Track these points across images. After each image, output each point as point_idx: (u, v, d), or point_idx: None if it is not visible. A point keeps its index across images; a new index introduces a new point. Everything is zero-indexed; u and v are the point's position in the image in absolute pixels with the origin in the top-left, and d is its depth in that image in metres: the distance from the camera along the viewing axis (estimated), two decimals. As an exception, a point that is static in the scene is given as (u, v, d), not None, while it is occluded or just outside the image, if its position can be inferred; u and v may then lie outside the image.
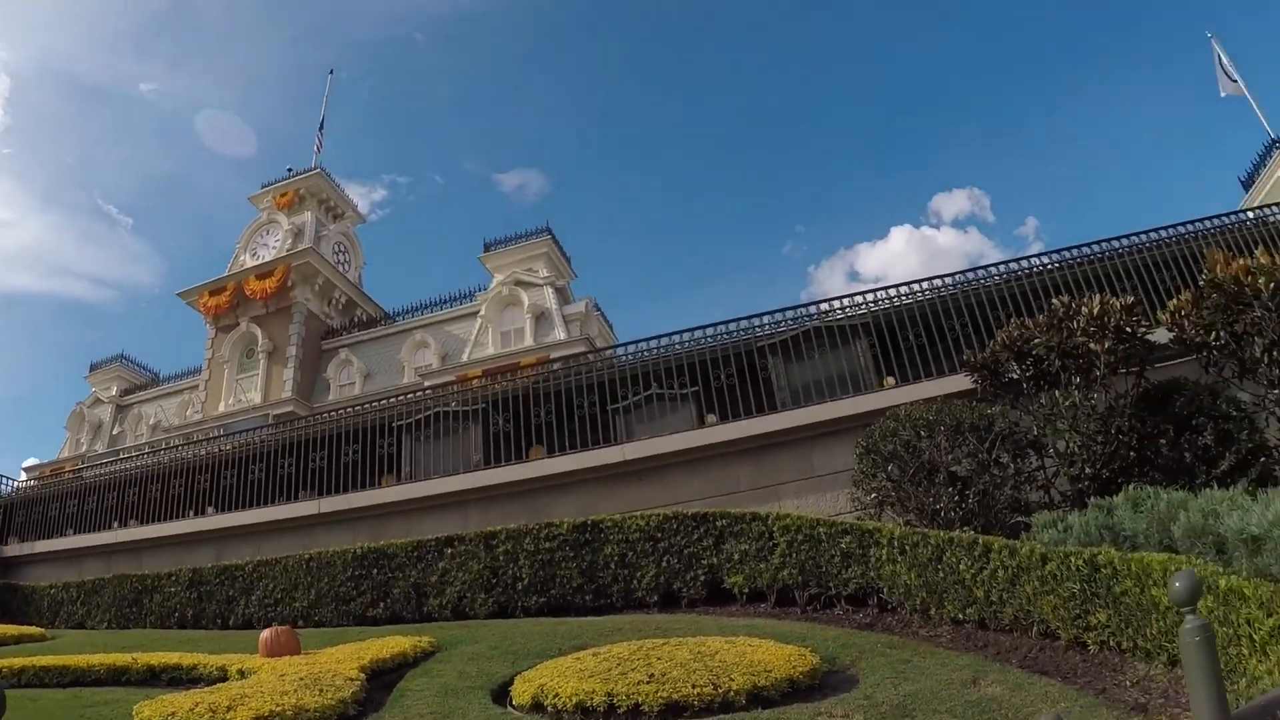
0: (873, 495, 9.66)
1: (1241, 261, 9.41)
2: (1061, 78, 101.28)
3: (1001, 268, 14.19)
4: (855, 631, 8.71)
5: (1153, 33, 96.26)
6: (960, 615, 8.23)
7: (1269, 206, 16.28)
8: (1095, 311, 9.03)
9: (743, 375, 13.88)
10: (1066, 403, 9.01)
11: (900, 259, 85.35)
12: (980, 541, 7.93)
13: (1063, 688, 6.41)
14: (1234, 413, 9.29)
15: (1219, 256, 9.62)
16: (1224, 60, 23.69)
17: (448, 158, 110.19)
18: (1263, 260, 9.29)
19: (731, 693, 6.35)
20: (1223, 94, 24.10)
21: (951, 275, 14.29)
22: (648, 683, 6.44)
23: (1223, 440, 9.07)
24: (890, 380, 13.47)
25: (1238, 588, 5.61)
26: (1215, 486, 8.14)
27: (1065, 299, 9.46)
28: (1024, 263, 14.17)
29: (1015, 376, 9.71)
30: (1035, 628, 7.57)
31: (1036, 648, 7.52)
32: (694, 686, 6.37)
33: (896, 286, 14.33)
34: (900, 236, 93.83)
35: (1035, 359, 9.47)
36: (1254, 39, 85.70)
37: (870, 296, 14.09)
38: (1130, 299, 9.29)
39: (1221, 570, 5.92)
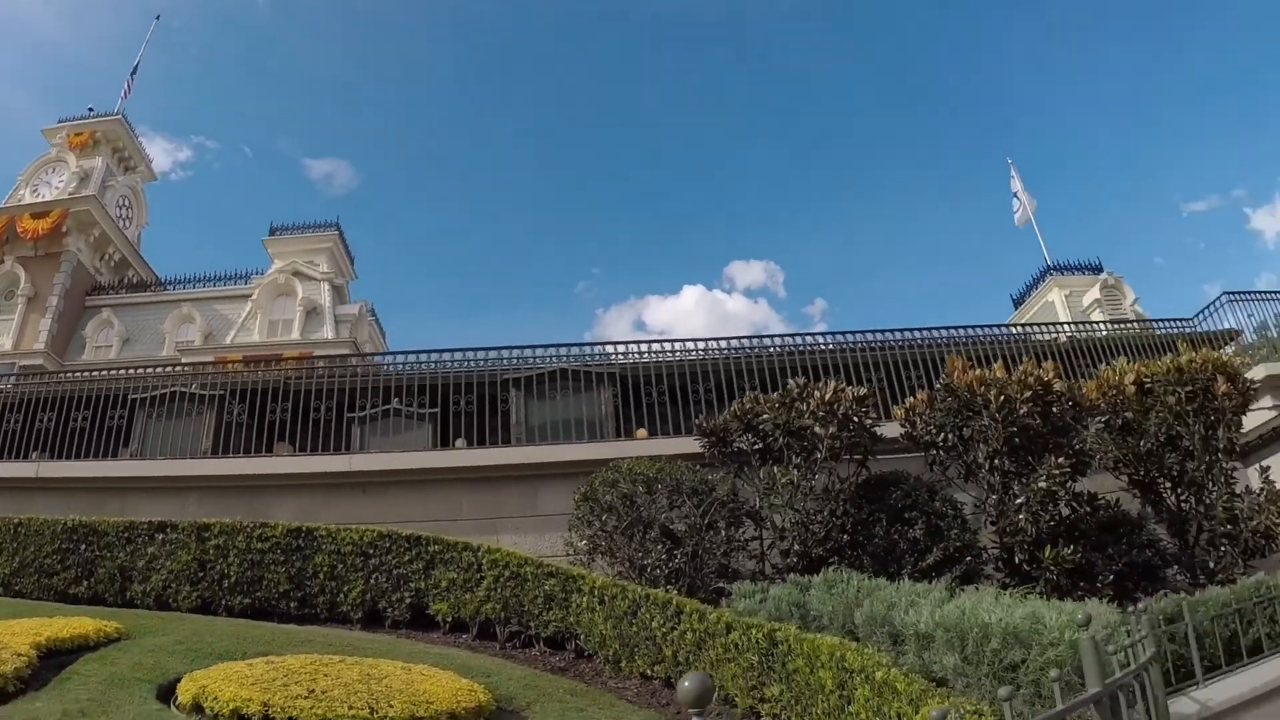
0: (585, 542, 9.57)
1: (978, 371, 10.02)
2: (879, 176, 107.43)
3: (754, 342, 14.74)
4: (546, 674, 8.59)
5: (955, 146, 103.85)
6: (649, 671, 8.23)
7: (1016, 325, 17.56)
8: (826, 397, 9.37)
9: (483, 405, 13.66)
10: (784, 479, 9.24)
11: (688, 317, 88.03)
12: (674, 602, 7.94)
13: (721, 758, 6.45)
14: (948, 511, 9.83)
15: (958, 363, 10.21)
16: (1019, 188, 25.33)
17: (262, 131, 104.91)
18: (997, 373, 9.92)
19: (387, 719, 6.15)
20: (1018, 224, 25.69)
21: (701, 341, 14.68)
22: (306, 698, 6.22)
23: (932, 535, 9.55)
24: (642, 432, 13.58)
25: (891, 681, 5.76)
26: (921, 578, 8.58)
27: (801, 380, 9.79)
28: (776, 341, 14.76)
29: (743, 447, 9.90)
30: (716, 693, 7.62)
31: (715, 713, 7.58)
32: (350, 708, 6.17)
33: (647, 342, 14.73)
34: (692, 295, 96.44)
35: (763, 433, 9.69)
36: (1042, 163, 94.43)
37: (620, 349, 14.29)
38: (863, 390, 9.70)
39: (884, 662, 6.08)
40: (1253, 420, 13.39)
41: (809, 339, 14.61)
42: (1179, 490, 10.74)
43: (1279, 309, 16.15)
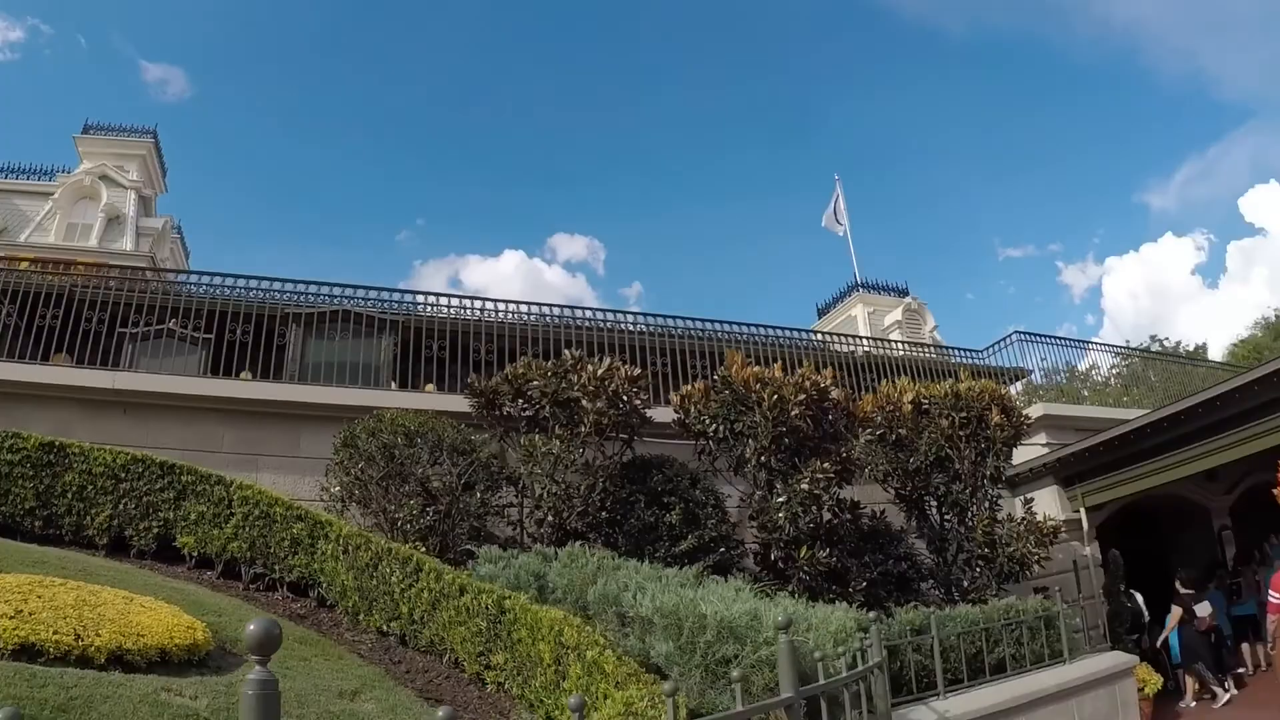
0: (339, 489, 9.28)
1: (755, 368, 10.18)
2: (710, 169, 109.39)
3: (540, 310, 14.69)
4: (283, 619, 8.25)
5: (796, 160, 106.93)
6: (385, 627, 8.05)
7: (818, 332, 18.01)
8: (599, 373, 9.36)
9: (260, 336, 13.11)
10: (545, 449, 9.19)
11: (506, 281, 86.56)
12: (415, 559, 7.78)
13: (442, 720, 6.34)
14: (708, 500, 9.99)
15: (737, 358, 10.35)
16: (840, 202, 25.80)
17: (100, 23, 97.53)
18: (776, 373, 10.10)
19: (93, 648, 5.84)
20: (823, 225, 26.15)
21: (490, 301, 14.59)
22: (11, 618, 5.77)
23: (689, 521, 9.66)
24: (430, 387, 13.32)
25: (600, 662, 5.78)
26: (674, 563, 8.67)
27: (578, 353, 9.75)
28: (562, 312, 14.74)
29: (512, 413, 9.79)
30: (448, 655, 7.53)
31: (444, 675, 7.47)
32: (55, 633, 5.79)
33: (434, 295, 14.66)
34: (512, 260, 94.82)
35: (532, 400, 9.61)
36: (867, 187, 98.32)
37: (407, 298, 14.06)
38: (637, 371, 9.74)
39: (599, 642, 6.09)
40: (1027, 454, 14.17)
41: (599, 315, 14.61)
42: (944, 510, 11.27)
43: (1069, 357, 17.12)
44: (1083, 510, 13.63)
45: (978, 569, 11.00)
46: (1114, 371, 22.55)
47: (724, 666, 6.24)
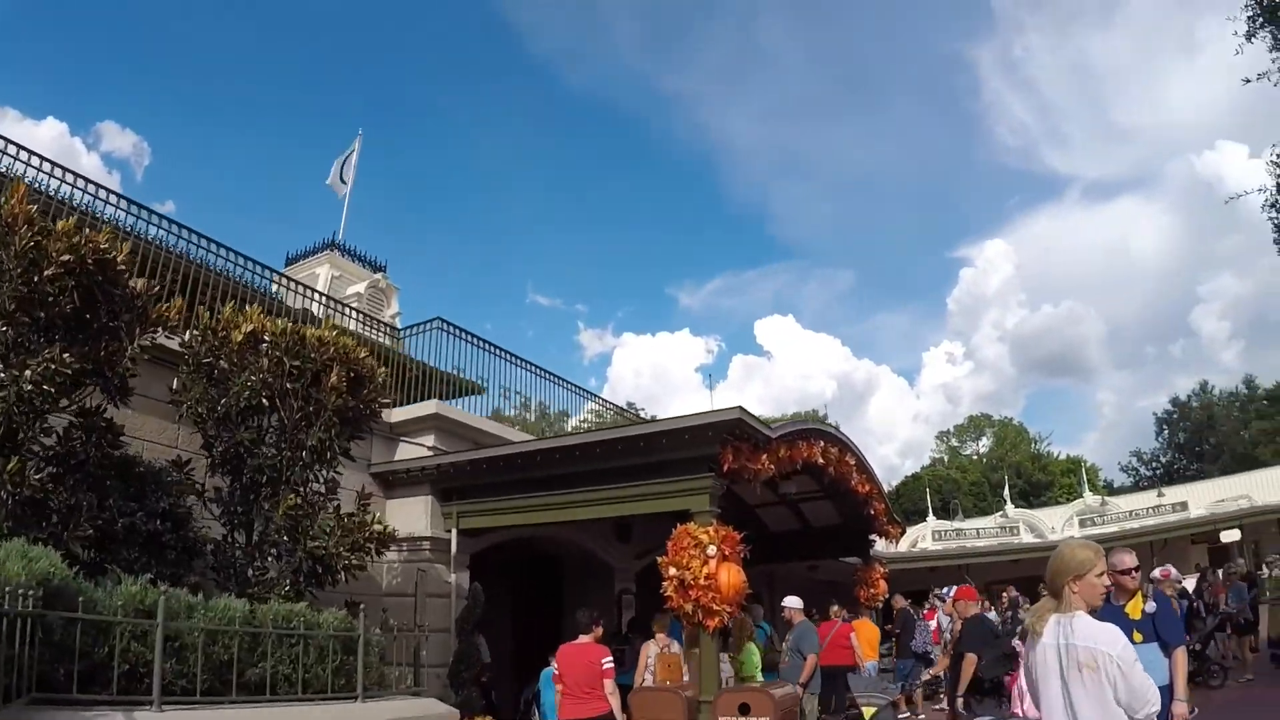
0: None
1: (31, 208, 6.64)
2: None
3: None
4: None
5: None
6: None
7: (265, 266, 14.47)
8: None
9: None
10: None
11: (39, 148, 71.34)
12: None
13: None
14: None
15: (21, 188, 6.79)
16: (353, 160, 22.67)
17: None
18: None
19: None
20: (328, 182, 22.89)
21: None
22: None
23: None
24: None
25: None
26: None
27: None
28: None
29: None
30: None
31: None
32: None
33: None
34: (54, 129, 79.20)
35: None
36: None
37: None
38: None
39: None
40: (413, 453, 11.73)
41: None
42: (252, 476, 8.28)
43: (502, 369, 15.00)
44: (455, 531, 11.36)
45: (270, 558, 8.18)
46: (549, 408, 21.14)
47: None
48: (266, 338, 8.34)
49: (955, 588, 12.02)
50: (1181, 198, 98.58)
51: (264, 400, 8.08)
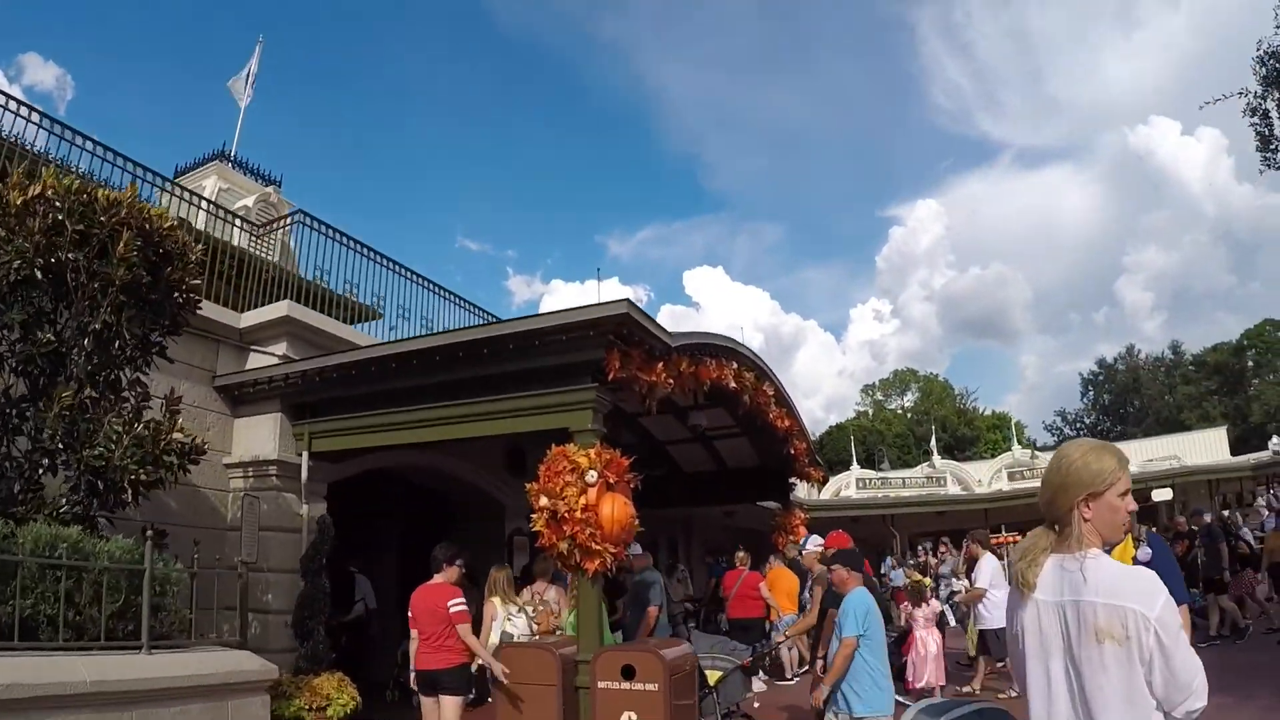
0: None
1: None
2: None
3: None
4: None
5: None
6: None
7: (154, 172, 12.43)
8: None
9: None
10: None
11: None
12: None
13: None
14: None
15: None
16: (253, 67, 20.69)
17: None
18: None
19: None
20: (228, 85, 20.99)
21: None
22: None
23: None
24: None
25: None
26: None
27: None
28: None
29: None
30: None
31: None
32: None
33: None
34: None
35: None
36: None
37: None
38: None
39: None
40: (260, 362, 10.08)
41: None
42: (32, 368, 6.60)
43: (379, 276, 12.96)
44: (306, 454, 9.73)
45: (42, 469, 6.55)
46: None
47: None
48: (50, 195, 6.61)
49: (812, 538, 10.64)
50: (1112, 170, 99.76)
51: (36, 272, 6.40)
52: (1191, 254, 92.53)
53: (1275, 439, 32.80)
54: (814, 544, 10.26)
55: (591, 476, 7.12)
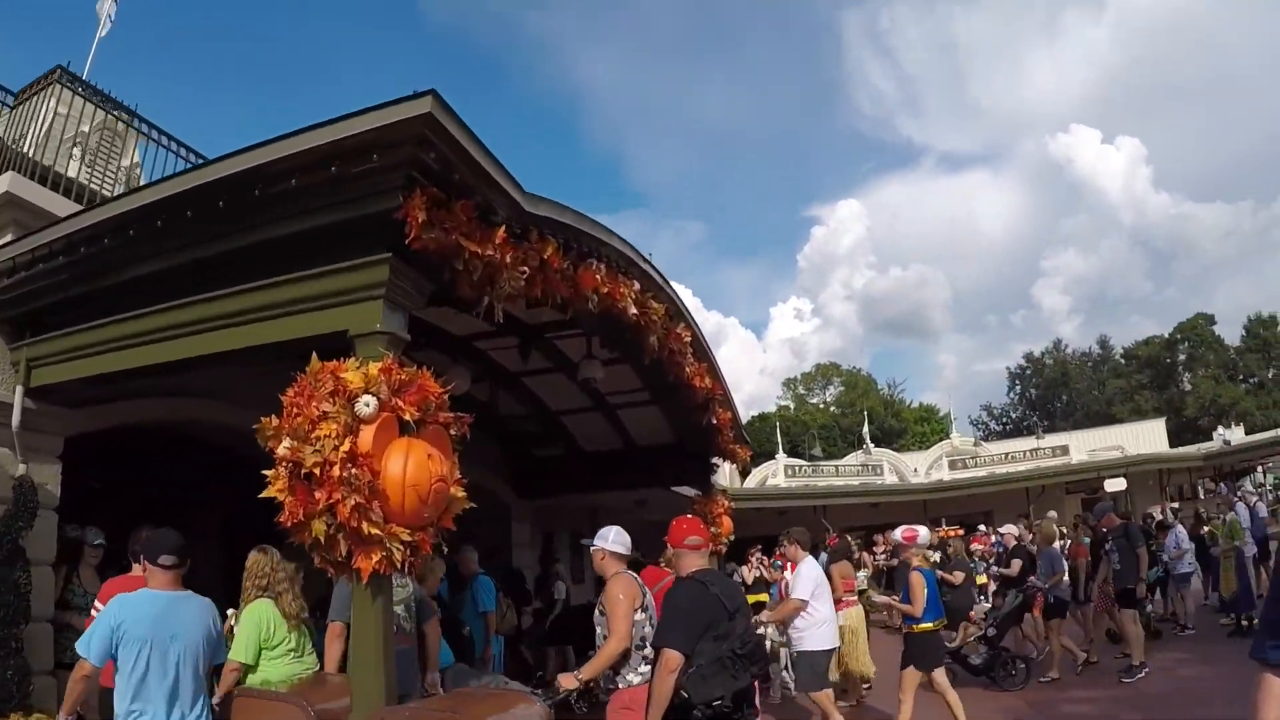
0: None
1: None
2: None
3: None
4: None
5: None
6: None
7: None
8: None
9: None
10: None
11: None
12: None
13: None
14: None
15: None
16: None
17: None
18: None
19: None
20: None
21: None
22: None
23: None
24: None
25: None
26: None
27: None
28: None
29: None
30: None
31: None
32: None
33: None
34: None
35: None
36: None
37: None
38: None
39: None
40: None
41: None
42: None
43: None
44: (21, 389, 6.43)
45: None
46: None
47: None
48: None
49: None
50: (1031, 175, 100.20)
51: None
52: (1109, 259, 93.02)
53: (1221, 429, 31.88)
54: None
55: (367, 405, 4.04)
